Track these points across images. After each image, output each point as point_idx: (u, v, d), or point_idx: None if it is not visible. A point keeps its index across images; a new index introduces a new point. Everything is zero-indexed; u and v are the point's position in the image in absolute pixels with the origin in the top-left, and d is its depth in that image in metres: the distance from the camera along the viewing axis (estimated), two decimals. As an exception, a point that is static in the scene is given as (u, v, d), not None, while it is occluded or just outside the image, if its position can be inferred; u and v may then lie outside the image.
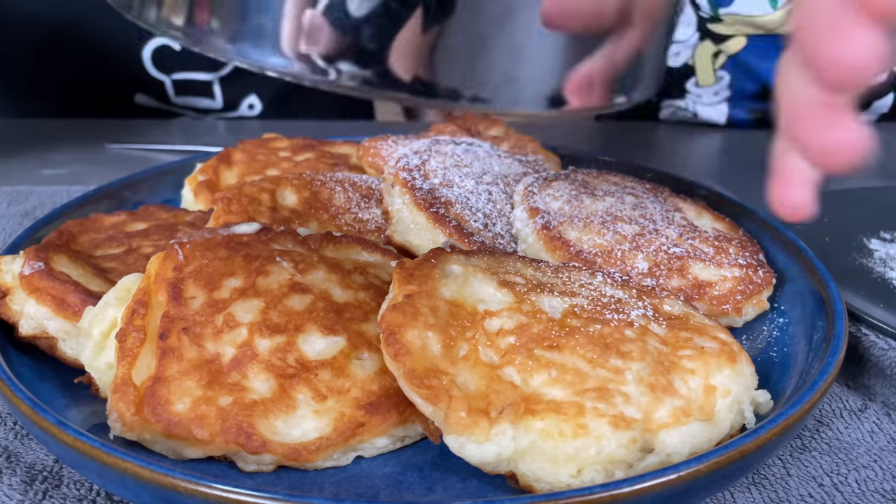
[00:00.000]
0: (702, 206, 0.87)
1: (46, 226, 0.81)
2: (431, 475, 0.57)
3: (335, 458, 0.57)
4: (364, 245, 0.71)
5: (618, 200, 0.83)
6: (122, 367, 0.57)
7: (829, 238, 0.88)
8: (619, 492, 0.49)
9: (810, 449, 0.64)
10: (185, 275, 0.63)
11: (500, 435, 0.53)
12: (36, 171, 1.16)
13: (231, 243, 0.67)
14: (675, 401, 0.56)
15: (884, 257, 0.85)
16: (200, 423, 0.55)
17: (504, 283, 0.63)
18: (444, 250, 0.66)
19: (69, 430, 0.53)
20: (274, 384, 0.58)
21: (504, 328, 0.59)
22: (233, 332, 0.60)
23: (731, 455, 0.52)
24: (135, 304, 0.61)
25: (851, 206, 0.97)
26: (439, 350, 0.56)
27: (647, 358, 0.58)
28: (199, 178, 0.92)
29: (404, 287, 0.60)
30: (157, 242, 0.77)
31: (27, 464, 0.60)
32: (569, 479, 0.53)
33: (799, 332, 0.71)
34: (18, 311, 0.66)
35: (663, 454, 0.54)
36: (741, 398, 0.58)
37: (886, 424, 0.67)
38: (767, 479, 0.60)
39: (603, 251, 0.75)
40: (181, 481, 0.49)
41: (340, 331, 0.62)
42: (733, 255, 0.78)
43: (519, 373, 0.56)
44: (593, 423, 0.53)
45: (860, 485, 0.60)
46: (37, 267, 0.67)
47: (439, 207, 0.76)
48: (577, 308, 0.62)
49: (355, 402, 0.58)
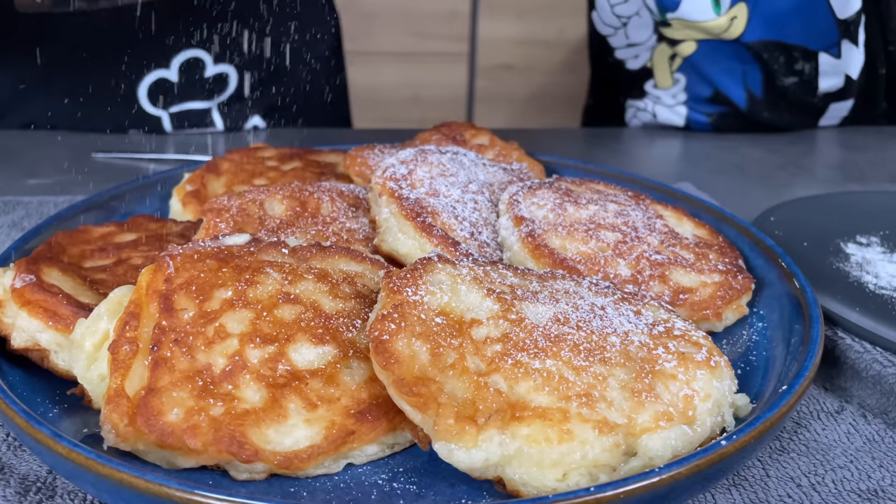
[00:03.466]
0: (683, 212, 0.89)
1: (35, 237, 0.81)
2: (421, 481, 0.58)
3: (326, 466, 0.58)
4: (352, 255, 0.73)
5: (601, 208, 0.85)
6: (115, 378, 0.58)
7: (806, 243, 0.90)
8: (603, 495, 0.50)
9: (788, 450, 0.65)
10: (175, 286, 0.64)
11: (487, 441, 0.54)
12: (22, 181, 1.16)
13: (221, 255, 0.68)
14: (658, 405, 0.57)
15: (860, 261, 0.87)
16: (193, 432, 0.56)
17: (490, 292, 0.64)
18: (431, 260, 0.67)
19: (64, 442, 0.54)
20: (265, 394, 0.59)
21: (490, 336, 0.60)
22: (224, 342, 0.61)
23: (712, 458, 0.53)
24: (126, 315, 0.61)
25: (828, 212, 0.99)
26: (427, 359, 0.58)
27: (629, 364, 0.60)
28: (187, 188, 0.93)
29: (392, 297, 0.62)
30: (147, 253, 0.78)
31: (21, 475, 0.61)
32: (555, 483, 0.54)
33: (777, 336, 0.73)
34: (10, 324, 0.67)
35: (646, 457, 0.56)
36: (721, 402, 0.60)
37: (862, 426, 0.69)
38: (747, 481, 0.62)
39: (586, 259, 0.77)
40: (175, 491, 0.50)
41: (330, 340, 0.63)
42: (713, 261, 0.80)
43: (505, 380, 0.57)
44: (578, 429, 0.55)
45: (837, 485, 0.62)
46: (28, 279, 0.68)
47: (426, 217, 0.78)
48: (562, 315, 0.63)
49: (345, 410, 0.59)
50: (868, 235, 0.93)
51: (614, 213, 0.84)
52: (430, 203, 0.80)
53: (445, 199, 0.82)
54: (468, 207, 0.83)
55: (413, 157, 0.88)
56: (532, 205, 0.83)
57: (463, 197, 0.84)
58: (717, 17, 1.26)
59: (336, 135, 1.45)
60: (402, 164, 0.86)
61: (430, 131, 1.08)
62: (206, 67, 1.32)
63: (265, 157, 1.02)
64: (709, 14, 1.26)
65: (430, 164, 0.88)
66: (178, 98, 1.34)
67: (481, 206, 0.85)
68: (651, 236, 0.82)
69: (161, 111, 1.34)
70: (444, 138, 1.06)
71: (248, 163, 1.00)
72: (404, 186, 0.81)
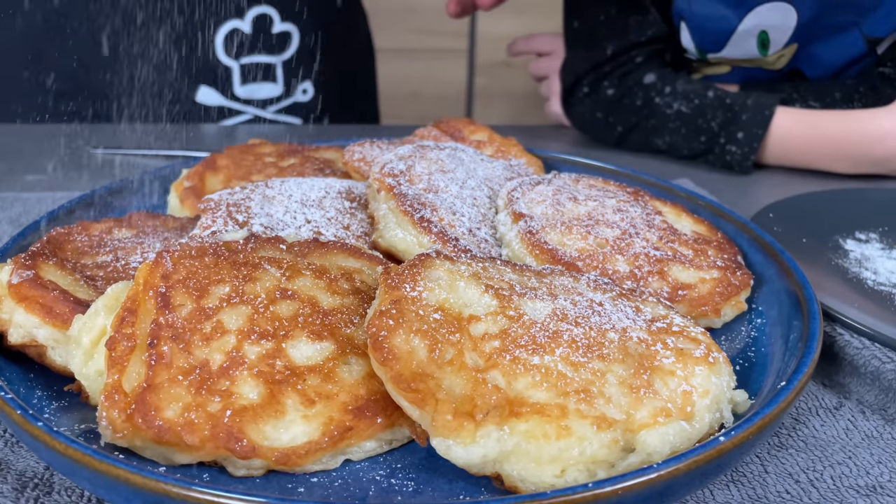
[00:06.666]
0: (681, 208, 0.89)
1: (33, 233, 0.81)
2: (419, 477, 0.58)
3: (324, 462, 0.58)
4: (350, 251, 0.72)
5: (599, 204, 0.85)
6: (112, 374, 0.58)
7: (805, 239, 0.90)
8: (601, 491, 0.50)
9: (787, 446, 0.65)
10: (173, 283, 0.64)
11: (485, 437, 0.54)
12: (19, 177, 1.16)
13: (218, 251, 0.68)
14: (656, 401, 0.57)
15: (859, 258, 0.87)
16: (190, 429, 0.56)
17: (488, 288, 0.64)
18: (429, 256, 0.67)
19: (61, 438, 0.54)
20: (263, 390, 0.59)
21: (489, 332, 0.60)
22: (221, 338, 0.61)
23: (710, 454, 0.53)
24: (124, 312, 0.61)
25: (827, 208, 0.99)
26: (425, 355, 0.57)
27: (628, 360, 0.60)
28: (185, 184, 0.93)
29: (390, 293, 0.61)
30: (145, 250, 0.78)
31: (18, 471, 0.60)
32: (553, 479, 0.54)
33: (776, 332, 0.73)
34: (7, 320, 0.66)
35: (644, 454, 0.56)
36: (720, 398, 0.60)
37: (861, 421, 0.69)
38: (746, 477, 0.62)
39: (585, 255, 0.77)
40: (172, 487, 0.50)
41: (328, 336, 0.63)
42: (712, 258, 0.80)
43: (503, 376, 0.57)
44: (576, 425, 0.55)
45: (835, 481, 0.62)
46: (25, 275, 0.68)
47: (424, 213, 0.77)
48: (560, 311, 0.63)
49: (343, 406, 0.59)
50: (867, 232, 0.93)
51: (613, 210, 0.84)
52: (428, 199, 0.80)
53: (444, 195, 0.82)
54: (467, 203, 0.83)
55: (411, 153, 0.88)
56: (530, 201, 0.83)
57: (461, 193, 0.84)
58: (765, 58, 1.25)
59: (334, 131, 1.45)
60: (400, 159, 0.85)
61: (428, 127, 1.08)
62: (273, 23, 1.41)
63: (263, 153, 1.02)
64: (754, 54, 1.25)
65: (429, 160, 0.87)
66: (249, 49, 1.42)
67: (480, 202, 0.85)
68: (650, 232, 0.81)
69: (233, 61, 1.41)
70: (443, 134, 1.06)
71: (247, 159, 1.00)
72: (402, 182, 0.81)
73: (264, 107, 1.49)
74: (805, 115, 1.20)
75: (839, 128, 1.18)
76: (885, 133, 1.15)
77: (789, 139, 1.21)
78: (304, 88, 1.49)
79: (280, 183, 0.85)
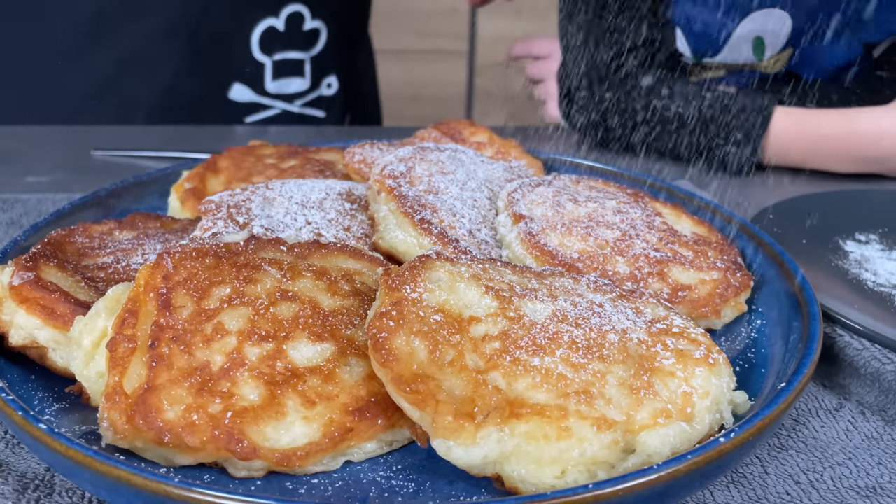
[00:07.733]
0: (681, 210, 0.89)
1: (34, 235, 0.81)
2: (419, 478, 0.58)
3: (325, 463, 0.58)
4: (350, 252, 0.73)
5: (599, 206, 0.85)
6: (113, 376, 0.58)
7: (805, 240, 0.90)
8: (601, 492, 0.50)
9: (787, 447, 0.65)
10: (174, 284, 0.64)
11: (485, 438, 0.54)
12: (20, 179, 1.16)
13: (219, 252, 0.68)
14: (656, 403, 0.57)
15: (859, 259, 0.87)
16: (191, 430, 0.56)
17: (489, 289, 0.64)
18: (429, 257, 0.67)
19: (62, 439, 0.54)
20: (263, 391, 0.59)
21: (489, 334, 0.60)
22: (222, 340, 0.61)
23: (710, 455, 0.53)
24: (125, 313, 0.61)
25: (827, 209, 0.99)
26: (426, 356, 0.58)
27: (628, 361, 0.60)
28: (185, 186, 0.93)
29: (391, 294, 0.62)
30: (146, 251, 0.78)
31: (19, 472, 0.60)
32: (553, 480, 0.54)
33: (776, 333, 0.73)
34: (8, 321, 0.66)
35: (644, 455, 0.56)
36: (720, 399, 0.60)
37: (861, 423, 0.69)
38: (746, 478, 0.62)
39: (585, 256, 0.77)
40: (173, 488, 0.50)
41: (328, 338, 0.63)
42: (712, 259, 0.80)
43: (504, 377, 0.57)
44: (576, 426, 0.55)
45: (835, 482, 0.62)
46: (26, 277, 0.68)
47: (425, 214, 0.78)
48: (560, 313, 0.63)
49: (344, 407, 0.59)
50: (867, 233, 0.93)
51: (613, 211, 0.84)
52: (428, 200, 0.80)
53: (444, 196, 0.82)
54: (467, 205, 0.83)
55: (412, 155, 0.88)
56: (531, 202, 0.83)
57: (461, 194, 0.84)
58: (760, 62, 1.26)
59: (335, 133, 1.45)
60: (400, 161, 0.86)
61: (428, 129, 1.08)
62: (304, 21, 1.48)
63: (264, 154, 1.02)
64: (750, 58, 1.26)
65: (429, 161, 0.88)
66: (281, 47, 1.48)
67: (480, 203, 0.85)
68: (650, 234, 0.82)
69: (266, 58, 1.47)
70: (443, 136, 1.06)
71: (247, 160, 1.00)
72: (403, 184, 0.81)
73: (291, 101, 1.53)
74: (804, 114, 1.21)
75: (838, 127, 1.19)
76: (885, 132, 1.15)
77: (788, 139, 1.21)
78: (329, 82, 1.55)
79: (280, 184, 0.86)
